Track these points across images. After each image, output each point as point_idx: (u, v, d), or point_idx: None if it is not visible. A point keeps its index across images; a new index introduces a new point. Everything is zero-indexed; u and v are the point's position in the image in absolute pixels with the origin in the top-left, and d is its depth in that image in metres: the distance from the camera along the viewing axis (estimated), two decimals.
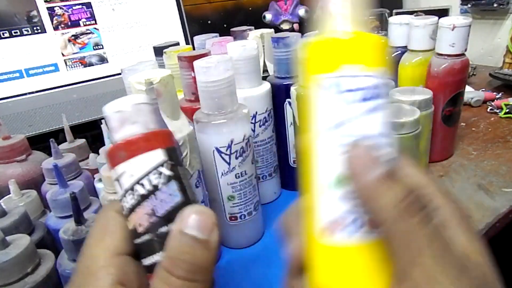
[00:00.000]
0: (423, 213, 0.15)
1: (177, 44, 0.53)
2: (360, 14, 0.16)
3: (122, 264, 0.19)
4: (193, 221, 0.18)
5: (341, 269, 0.16)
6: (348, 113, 0.15)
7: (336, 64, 0.15)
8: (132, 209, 0.19)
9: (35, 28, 0.59)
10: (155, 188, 0.19)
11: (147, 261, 0.19)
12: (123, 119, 0.20)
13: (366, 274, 0.16)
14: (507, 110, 0.68)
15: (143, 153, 0.19)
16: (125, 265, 0.19)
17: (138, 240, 0.19)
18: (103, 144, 0.45)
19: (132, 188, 0.19)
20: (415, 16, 0.59)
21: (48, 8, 0.59)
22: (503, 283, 0.15)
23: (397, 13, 0.91)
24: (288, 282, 0.20)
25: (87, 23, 0.63)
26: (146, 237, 0.19)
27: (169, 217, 0.19)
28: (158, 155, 0.19)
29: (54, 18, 0.60)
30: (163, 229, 0.19)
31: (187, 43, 0.72)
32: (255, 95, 0.45)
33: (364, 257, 0.16)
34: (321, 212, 0.16)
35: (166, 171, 0.19)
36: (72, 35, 0.62)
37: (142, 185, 0.19)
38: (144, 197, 0.19)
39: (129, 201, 0.19)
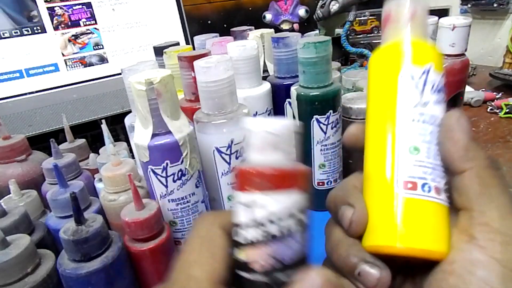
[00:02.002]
0: (501, 171, 0.18)
1: (177, 44, 0.53)
2: (427, 30, 0.22)
3: None
4: None
5: (416, 219, 0.19)
6: (427, 98, 0.20)
7: (425, 60, 0.20)
8: (254, 243, 0.17)
9: (35, 28, 0.59)
10: (290, 233, 0.17)
11: None
12: (273, 143, 0.18)
13: (435, 224, 0.19)
14: (507, 110, 0.68)
15: (287, 190, 0.17)
16: None
17: (247, 276, 0.17)
18: (103, 144, 0.45)
19: (264, 225, 0.17)
20: None
21: (48, 8, 0.59)
22: None
23: None
24: (341, 248, 0.20)
25: (87, 23, 0.63)
26: (260, 278, 0.17)
27: (293, 267, 0.17)
28: (301, 199, 0.18)
29: (54, 18, 0.60)
30: (282, 277, 0.17)
31: (187, 43, 0.72)
32: (255, 95, 0.45)
33: (434, 211, 0.19)
34: (400, 171, 0.19)
35: (304, 219, 0.18)
36: (72, 35, 0.62)
37: (278, 225, 0.17)
38: (276, 239, 0.17)
39: (254, 234, 0.17)
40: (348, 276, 0.20)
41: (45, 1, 0.58)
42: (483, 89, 0.77)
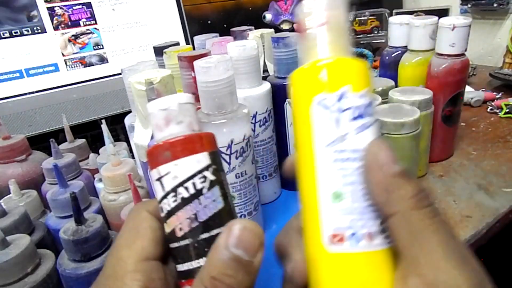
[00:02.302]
0: (432, 208, 0.16)
1: (177, 44, 0.53)
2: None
3: (150, 270, 0.18)
4: (241, 238, 0.17)
5: (347, 276, 0.17)
6: (345, 129, 0.17)
7: (338, 84, 0.17)
8: (172, 212, 0.18)
9: (35, 28, 0.59)
10: (199, 192, 0.18)
11: (183, 267, 0.19)
12: (169, 118, 0.19)
13: (370, 279, 0.17)
14: (507, 110, 0.68)
15: (189, 155, 0.18)
16: (152, 271, 0.19)
17: (175, 244, 0.19)
18: (103, 144, 0.45)
19: (175, 190, 0.18)
20: (415, 16, 0.59)
21: (48, 8, 0.59)
22: (497, 284, 0.16)
23: (397, 13, 0.91)
24: None
25: (87, 23, 0.63)
26: (185, 242, 0.18)
27: (211, 223, 0.18)
28: (203, 159, 0.19)
29: (54, 18, 0.60)
30: (204, 235, 0.18)
31: (187, 43, 0.72)
32: (255, 95, 0.45)
33: (367, 266, 0.17)
34: (324, 223, 0.17)
35: (210, 176, 0.19)
36: (72, 35, 0.62)
37: (186, 188, 0.18)
38: (187, 201, 0.18)
39: (171, 203, 0.18)
40: None
41: (45, 1, 0.58)
42: (483, 89, 0.77)
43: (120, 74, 0.38)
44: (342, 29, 0.18)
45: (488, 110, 0.70)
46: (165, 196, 0.19)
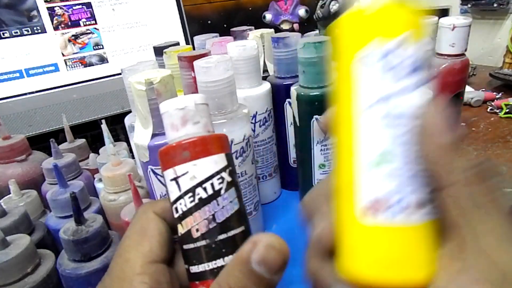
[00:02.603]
0: (491, 182, 0.15)
1: (177, 44, 0.53)
2: None
3: (157, 273, 0.18)
4: (265, 256, 0.16)
5: (382, 252, 0.15)
6: (402, 84, 0.15)
7: (395, 31, 0.15)
8: (189, 212, 0.18)
9: (35, 28, 0.59)
10: (217, 193, 0.18)
11: (198, 268, 0.18)
12: (186, 118, 0.19)
13: (409, 257, 0.15)
14: (507, 110, 0.68)
15: (208, 155, 0.18)
16: (160, 275, 0.19)
17: (190, 246, 0.18)
18: (103, 144, 0.45)
19: (192, 191, 0.18)
20: None
21: (48, 8, 0.59)
22: None
23: None
24: (311, 265, 0.19)
25: (87, 23, 0.63)
26: (201, 243, 0.18)
27: (228, 224, 0.18)
28: (221, 160, 0.19)
29: (54, 18, 0.60)
30: (221, 236, 0.18)
31: (187, 43, 0.72)
32: (255, 95, 0.45)
33: (407, 239, 0.15)
34: (362, 191, 0.16)
35: (228, 177, 0.19)
36: (72, 35, 0.62)
37: (205, 189, 0.18)
38: (205, 202, 0.18)
39: (187, 203, 0.18)
40: None
41: (45, 1, 0.58)
42: (483, 89, 0.77)
43: (120, 74, 0.38)
44: None
45: (488, 110, 0.70)
46: (181, 197, 0.18)
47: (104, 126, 0.43)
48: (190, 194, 0.18)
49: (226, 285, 0.16)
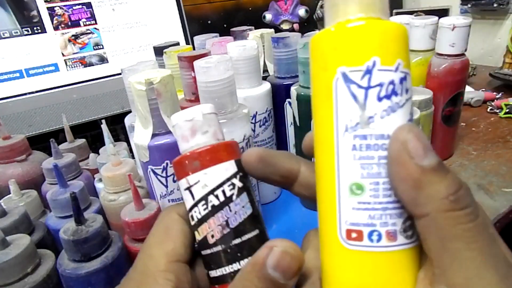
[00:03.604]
0: (470, 210, 0.14)
1: (177, 44, 0.53)
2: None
3: (180, 271, 0.19)
4: (280, 261, 0.16)
5: (363, 275, 0.16)
6: (372, 111, 0.14)
7: (367, 54, 0.14)
8: (204, 220, 0.19)
9: (35, 28, 0.59)
10: (229, 199, 0.19)
11: (216, 273, 0.19)
12: (195, 128, 0.20)
13: (389, 280, 0.15)
14: (507, 110, 0.68)
15: (217, 163, 0.19)
16: (182, 273, 0.19)
17: (207, 251, 0.19)
18: (103, 144, 0.45)
19: (205, 199, 0.19)
20: (415, 16, 0.59)
21: (48, 8, 0.59)
22: None
23: (397, 13, 0.91)
24: None
25: (87, 23, 0.63)
26: (217, 248, 0.19)
27: (242, 229, 0.19)
28: (231, 167, 0.19)
29: (54, 18, 0.60)
30: (236, 241, 0.18)
31: (187, 43, 0.72)
32: (255, 95, 0.45)
33: (386, 265, 0.15)
34: (342, 216, 0.16)
35: (238, 183, 0.19)
36: (72, 35, 0.62)
37: (216, 196, 0.19)
38: (217, 208, 0.19)
39: (201, 211, 0.19)
40: None
41: (45, 1, 0.58)
42: (483, 89, 0.77)
43: (120, 74, 0.38)
44: None
45: (488, 110, 0.70)
46: (195, 205, 0.19)
47: (104, 126, 0.43)
48: (203, 202, 0.19)
49: (241, 287, 0.17)
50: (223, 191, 0.19)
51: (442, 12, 0.85)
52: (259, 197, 0.43)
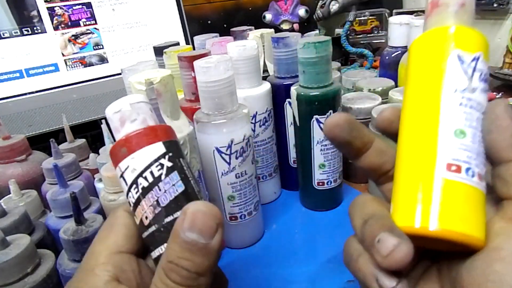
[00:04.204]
0: None
1: (177, 44, 0.53)
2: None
3: (121, 261, 0.19)
4: (194, 222, 0.17)
5: (455, 206, 0.18)
6: (476, 84, 0.20)
7: (475, 48, 0.20)
8: (137, 203, 0.19)
9: (35, 28, 0.59)
10: (158, 179, 0.19)
11: (155, 253, 0.19)
12: (123, 118, 0.20)
13: (476, 217, 0.18)
14: None
15: (143, 147, 0.19)
16: (124, 263, 0.19)
17: (145, 233, 0.19)
18: (103, 144, 0.45)
19: (136, 182, 0.19)
20: (415, 16, 0.59)
21: (48, 8, 0.59)
22: None
23: (397, 13, 0.91)
24: (356, 222, 0.21)
25: (87, 23, 0.63)
26: (152, 229, 0.19)
27: (173, 206, 0.19)
28: (158, 148, 0.20)
29: (54, 18, 0.60)
30: (168, 219, 0.19)
31: (187, 43, 0.72)
32: (255, 95, 0.45)
33: (475, 201, 0.18)
34: (444, 152, 0.19)
35: (167, 163, 0.19)
36: (72, 35, 0.62)
37: (145, 178, 0.19)
38: (147, 190, 0.19)
39: (134, 195, 0.19)
40: (368, 247, 0.19)
41: (45, 1, 0.58)
42: None
43: (120, 74, 0.38)
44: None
45: None
46: (128, 190, 0.20)
47: (104, 126, 0.43)
48: (134, 186, 0.19)
49: (166, 261, 0.17)
50: (151, 172, 0.19)
51: None
52: (259, 197, 0.43)
